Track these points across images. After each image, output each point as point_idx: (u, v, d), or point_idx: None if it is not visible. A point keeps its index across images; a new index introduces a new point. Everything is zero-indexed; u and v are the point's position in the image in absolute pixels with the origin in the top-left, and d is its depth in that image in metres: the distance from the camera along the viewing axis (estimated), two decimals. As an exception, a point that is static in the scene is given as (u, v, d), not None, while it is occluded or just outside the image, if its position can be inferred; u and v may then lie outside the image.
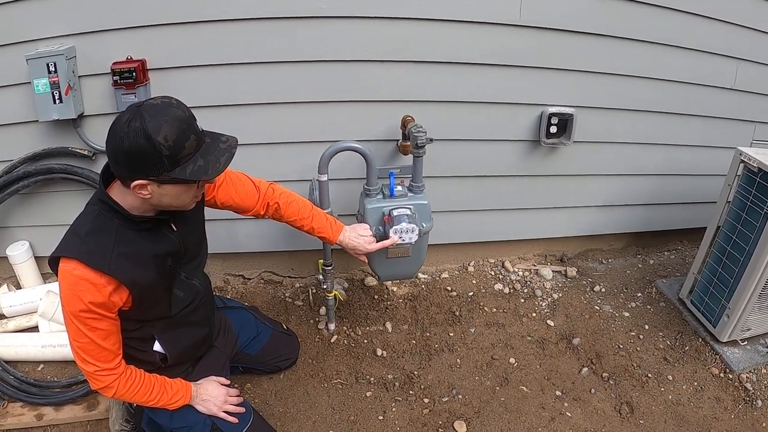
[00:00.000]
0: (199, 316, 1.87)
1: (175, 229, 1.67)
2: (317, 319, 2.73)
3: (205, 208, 1.89)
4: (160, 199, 1.48)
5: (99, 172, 2.45)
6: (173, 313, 1.72)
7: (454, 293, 2.90)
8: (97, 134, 2.46)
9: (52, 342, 2.45)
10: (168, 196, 1.48)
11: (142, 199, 1.46)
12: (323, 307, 2.75)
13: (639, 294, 2.97)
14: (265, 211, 2.01)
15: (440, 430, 2.22)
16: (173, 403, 1.79)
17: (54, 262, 1.51)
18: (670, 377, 2.46)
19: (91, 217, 1.53)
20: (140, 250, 1.55)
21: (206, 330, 1.93)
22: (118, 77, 2.25)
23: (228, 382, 2.00)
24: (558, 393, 2.39)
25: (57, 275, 1.51)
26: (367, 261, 2.25)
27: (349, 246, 2.10)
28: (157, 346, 1.77)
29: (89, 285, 1.46)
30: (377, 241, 2.16)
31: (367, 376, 2.43)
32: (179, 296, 1.73)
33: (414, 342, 2.61)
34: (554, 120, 2.59)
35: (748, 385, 2.40)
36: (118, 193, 1.51)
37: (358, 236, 2.11)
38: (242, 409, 1.95)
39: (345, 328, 2.67)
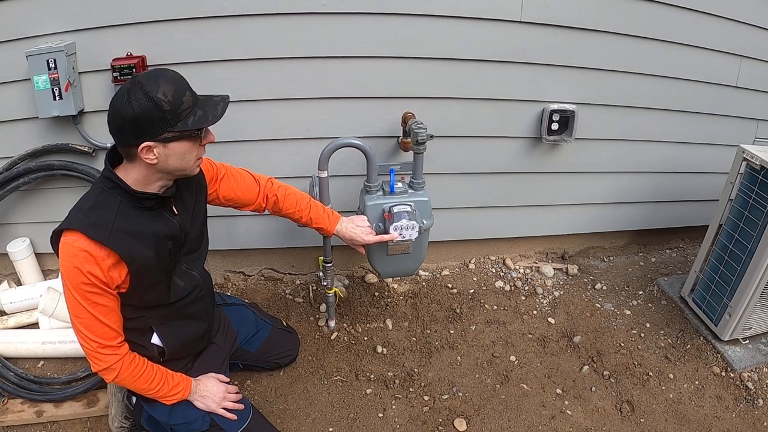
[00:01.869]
0: (198, 309, 1.88)
1: (177, 213, 1.70)
2: (317, 316, 2.72)
3: (209, 206, 1.92)
4: (167, 162, 1.52)
5: (99, 169, 2.48)
6: (172, 300, 1.73)
7: (455, 290, 2.90)
8: (98, 131, 2.46)
9: (52, 339, 2.45)
10: (174, 156, 1.52)
11: (149, 166, 1.51)
12: (323, 304, 2.75)
13: (640, 292, 2.96)
14: (265, 204, 2.06)
15: (440, 427, 2.21)
16: (173, 395, 1.79)
17: (56, 237, 1.53)
18: (671, 376, 2.45)
19: (94, 194, 1.57)
20: (140, 228, 1.58)
21: (205, 325, 1.94)
22: (118, 73, 2.25)
23: (227, 379, 2.00)
24: (558, 391, 2.38)
25: (58, 252, 1.52)
26: (364, 252, 2.26)
27: (346, 236, 2.13)
28: (155, 339, 1.77)
29: (89, 256, 1.48)
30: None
31: (368, 374, 2.43)
32: (179, 285, 1.75)
33: (414, 339, 2.61)
34: (555, 117, 2.58)
35: (750, 384, 2.39)
36: (122, 171, 1.56)
37: (356, 227, 2.14)
38: (241, 406, 1.95)
39: (345, 325, 2.67)
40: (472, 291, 2.90)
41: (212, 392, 1.89)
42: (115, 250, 1.51)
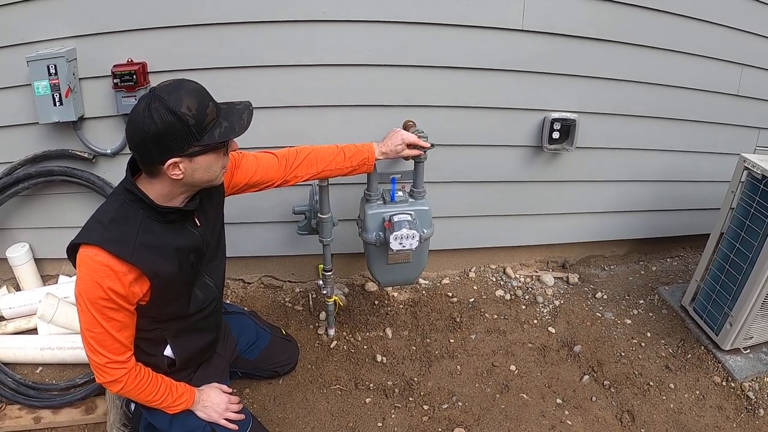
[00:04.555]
0: (210, 322, 1.89)
1: (199, 225, 1.69)
2: (317, 324, 2.71)
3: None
4: (192, 176, 1.50)
5: (99, 176, 2.48)
6: (191, 311, 1.73)
7: (455, 299, 2.89)
8: (98, 137, 2.46)
9: (50, 344, 2.44)
10: (200, 170, 1.50)
11: (174, 181, 1.49)
12: (323, 312, 2.74)
13: (641, 301, 2.95)
14: (292, 175, 1.98)
15: (440, 437, 2.21)
16: (176, 405, 1.78)
17: (73, 249, 1.51)
18: (672, 385, 2.44)
19: (114, 206, 1.53)
20: (163, 243, 1.56)
21: (214, 336, 1.95)
22: (118, 80, 2.25)
23: (230, 390, 1.99)
24: (559, 401, 2.37)
25: (75, 263, 1.50)
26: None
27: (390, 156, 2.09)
28: (168, 351, 1.77)
29: (110, 272, 1.46)
30: (377, 246, 2.21)
31: (367, 382, 2.42)
32: (198, 296, 1.75)
33: (414, 348, 2.60)
34: (557, 126, 2.57)
35: (751, 394, 2.39)
36: (145, 183, 1.53)
37: (393, 145, 2.08)
38: (242, 416, 1.94)
39: (345, 333, 2.66)
40: (472, 300, 2.89)
41: (215, 403, 1.88)
42: (137, 266, 1.49)
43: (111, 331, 1.53)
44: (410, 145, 2.10)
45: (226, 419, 1.89)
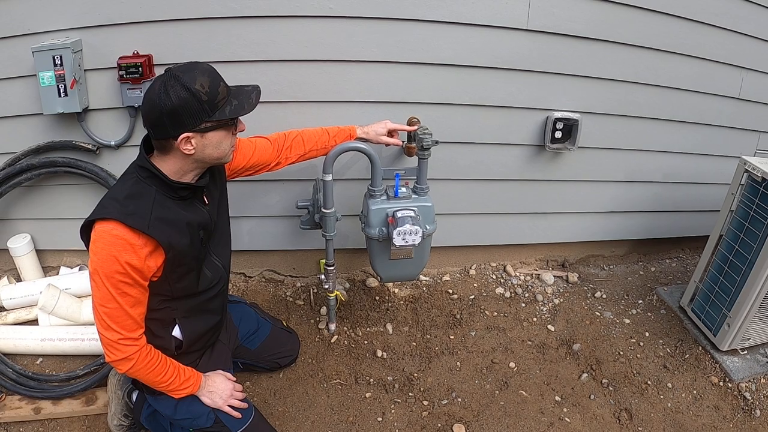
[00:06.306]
0: (217, 304, 1.92)
1: (207, 203, 1.75)
2: (318, 318, 2.72)
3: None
4: (203, 151, 1.58)
5: (103, 167, 2.49)
6: (200, 289, 1.77)
7: (456, 296, 2.90)
8: (102, 129, 2.46)
9: (51, 336, 2.44)
10: (211, 146, 1.58)
11: (185, 156, 1.57)
12: (324, 307, 2.75)
13: (640, 301, 2.97)
14: (284, 158, 2.12)
15: (439, 432, 2.22)
16: (183, 389, 1.80)
17: (87, 227, 1.55)
18: (670, 385, 2.46)
19: (129, 184, 1.59)
20: (176, 217, 1.62)
21: (219, 318, 1.97)
22: (124, 72, 2.25)
23: (234, 378, 2.01)
24: (557, 398, 2.39)
25: (88, 242, 1.54)
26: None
27: (372, 140, 2.24)
28: (176, 331, 1.79)
29: (127, 245, 1.50)
30: (380, 241, 2.22)
31: (367, 377, 2.43)
32: (207, 275, 1.79)
33: (414, 344, 2.61)
34: (559, 125, 2.58)
35: (747, 395, 2.40)
36: (158, 161, 1.60)
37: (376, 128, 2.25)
38: (245, 405, 1.96)
39: (345, 328, 2.67)
40: (472, 297, 2.91)
41: (220, 389, 1.91)
42: (154, 238, 1.53)
43: (125, 307, 1.56)
44: (391, 134, 2.27)
45: (230, 406, 1.90)
